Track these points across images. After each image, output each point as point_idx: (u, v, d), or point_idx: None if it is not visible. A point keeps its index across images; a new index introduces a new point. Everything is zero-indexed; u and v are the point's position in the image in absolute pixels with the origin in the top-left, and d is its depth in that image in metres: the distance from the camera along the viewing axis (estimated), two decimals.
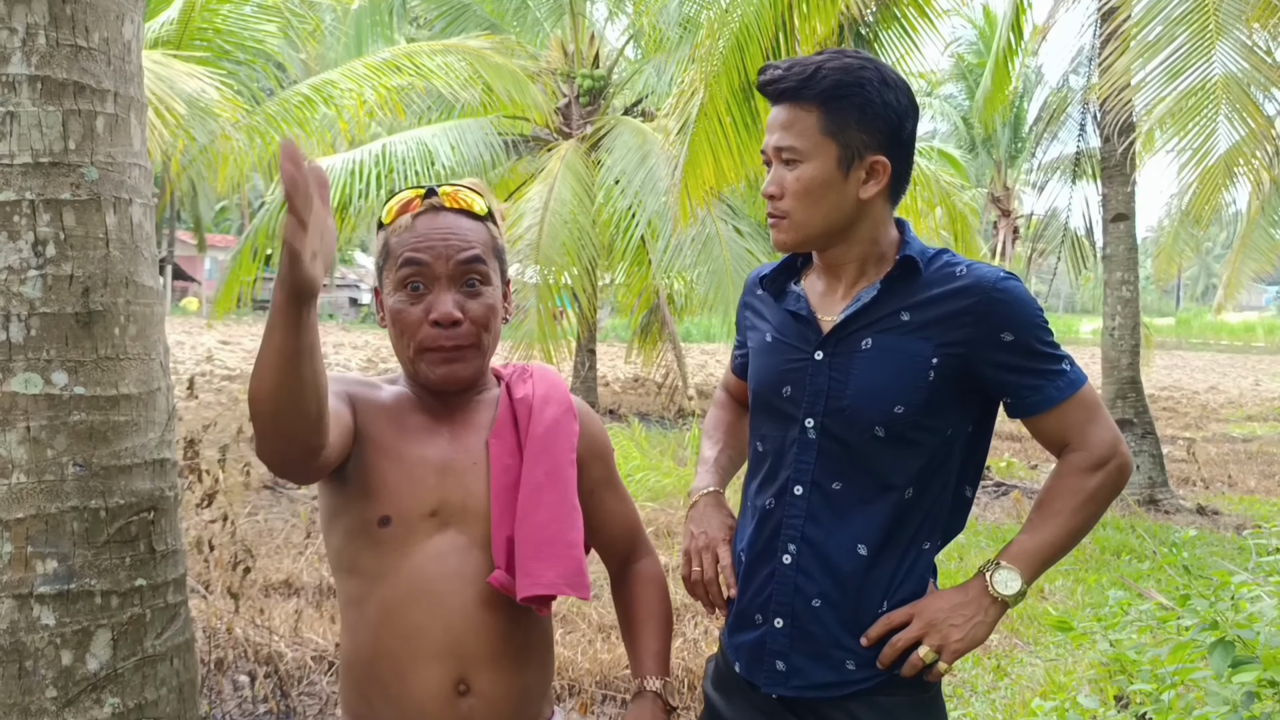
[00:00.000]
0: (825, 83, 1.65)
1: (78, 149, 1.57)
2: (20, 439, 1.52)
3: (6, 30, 1.53)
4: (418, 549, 1.64)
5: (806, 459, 1.73)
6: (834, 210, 1.69)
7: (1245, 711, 2.30)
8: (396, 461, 1.64)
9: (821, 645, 1.71)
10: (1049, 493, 1.72)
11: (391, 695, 1.64)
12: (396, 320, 1.65)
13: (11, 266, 1.53)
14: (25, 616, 1.53)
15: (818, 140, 1.66)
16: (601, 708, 4.15)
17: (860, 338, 1.71)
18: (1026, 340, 1.68)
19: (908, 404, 1.66)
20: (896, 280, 1.71)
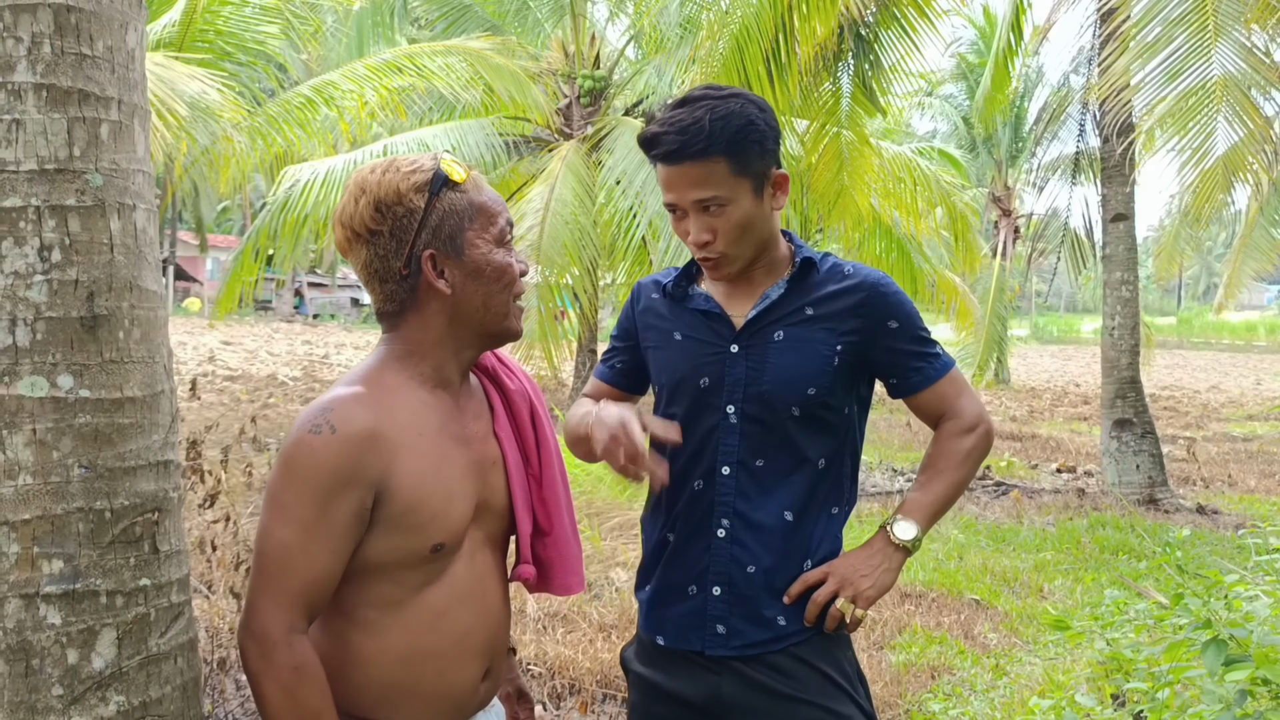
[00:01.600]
0: (725, 134, 1.82)
1: (82, 155, 1.60)
2: (26, 441, 1.55)
3: (12, 39, 1.55)
4: (457, 553, 1.66)
5: (731, 442, 1.93)
6: (761, 233, 1.92)
7: (1239, 709, 2.31)
8: (445, 491, 1.61)
9: (756, 607, 1.91)
10: (932, 457, 1.99)
11: (424, 693, 1.64)
12: (505, 273, 1.66)
13: (18, 271, 1.55)
14: (32, 616, 1.55)
15: (734, 183, 1.85)
16: (601, 706, 4.18)
17: (772, 331, 1.94)
18: (908, 328, 1.95)
19: (818, 386, 1.90)
20: (798, 279, 1.96)
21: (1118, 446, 9.54)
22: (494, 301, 1.66)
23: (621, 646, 2.14)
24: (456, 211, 1.62)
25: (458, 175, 1.63)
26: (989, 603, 5.98)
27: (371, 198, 1.61)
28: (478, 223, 1.64)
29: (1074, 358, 35.19)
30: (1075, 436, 14.41)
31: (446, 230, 1.62)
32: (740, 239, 1.89)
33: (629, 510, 7.28)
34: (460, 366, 1.70)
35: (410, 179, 1.61)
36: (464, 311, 1.65)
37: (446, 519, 1.61)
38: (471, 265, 1.63)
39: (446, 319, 1.65)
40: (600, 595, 5.60)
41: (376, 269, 1.63)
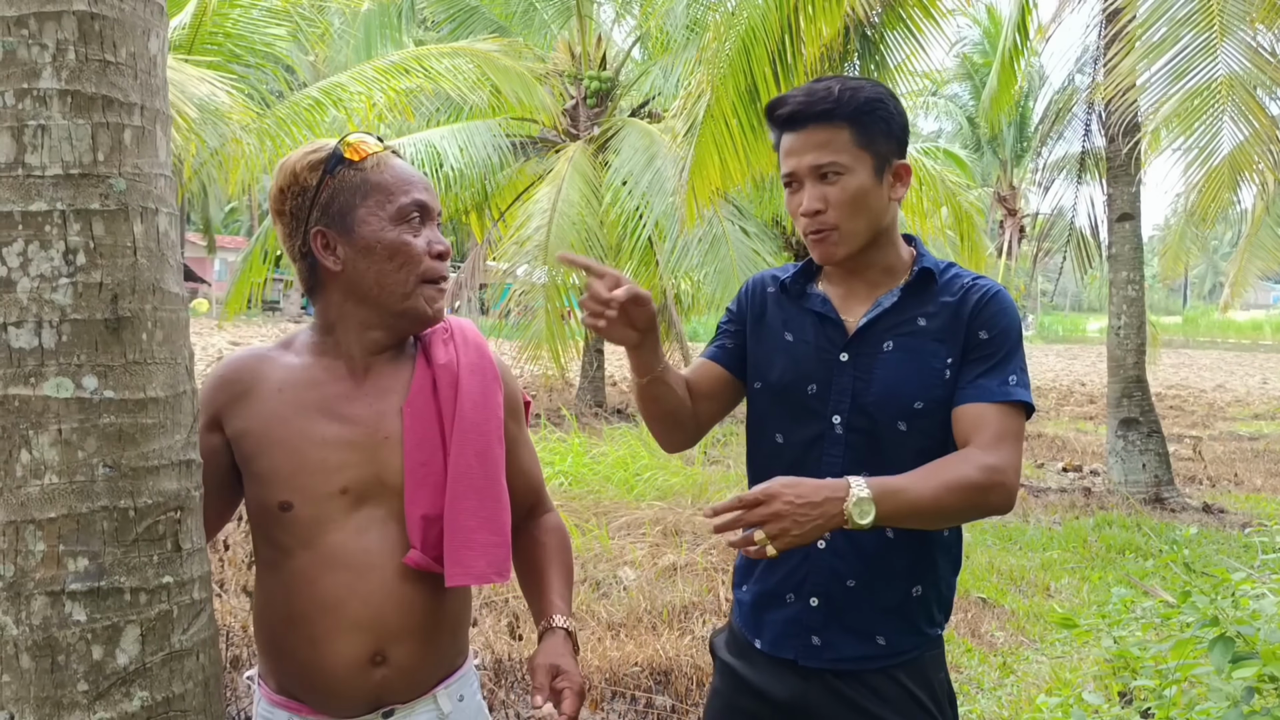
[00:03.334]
0: (854, 102, 1.80)
1: (106, 160, 1.62)
2: (52, 441, 1.57)
3: (38, 46, 1.57)
4: (332, 525, 1.67)
5: (835, 452, 1.85)
6: (875, 216, 1.84)
7: (1246, 706, 2.33)
8: (292, 447, 1.67)
9: (855, 622, 1.85)
10: (943, 465, 1.72)
11: (302, 660, 1.68)
12: (400, 251, 1.64)
13: (43, 274, 1.58)
14: (57, 613, 1.57)
15: (855, 153, 1.81)
16: (611, 705, 4.20)
17: (882, 340, 1.85)
18: (997, 342, 1.82)
19: (926, 400, 1.81)
20: (914, 288, 1.87)
21: (1124, 445, 9.54)
22: (389, 280, 1.65)
23: (712, 633, 2.12)
24: (348, 189, 1.65)
25: (355, 153, 1.65)
26: (996, 601, 5.99)
27: (276, 181, 1.68)
28: (371, 200, 1.65)
29: (1080, 357, 35.13)
30: (1081, 435, 14.40)
31: (336, 208, 1.65)
32: (853, 214, 1.81)
33: (635, 510, 7.31)
34: (365, 346, 1.71)
35: (306, 159, 1.67)
36: (358, 290, 1.67)
37: (293, 478, 1.66)
38: (361, 243, 1.65)
39: (343, 297, 1.68)
40: (609, 594, 5.63)
41: (287, 249, 1.71)
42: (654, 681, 4.35)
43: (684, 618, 5.17)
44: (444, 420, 1.71)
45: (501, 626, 4.82)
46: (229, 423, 1.71)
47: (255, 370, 1.72)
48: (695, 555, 6.21)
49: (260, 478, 1.69)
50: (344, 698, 1.69)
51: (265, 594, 1.74)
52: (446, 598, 1.73)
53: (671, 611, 5.21)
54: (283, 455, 1.66)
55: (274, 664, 1.74)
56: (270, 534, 1.71)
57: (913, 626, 1.87)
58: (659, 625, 5.03)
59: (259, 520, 1.74)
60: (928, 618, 1.89)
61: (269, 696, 1.76)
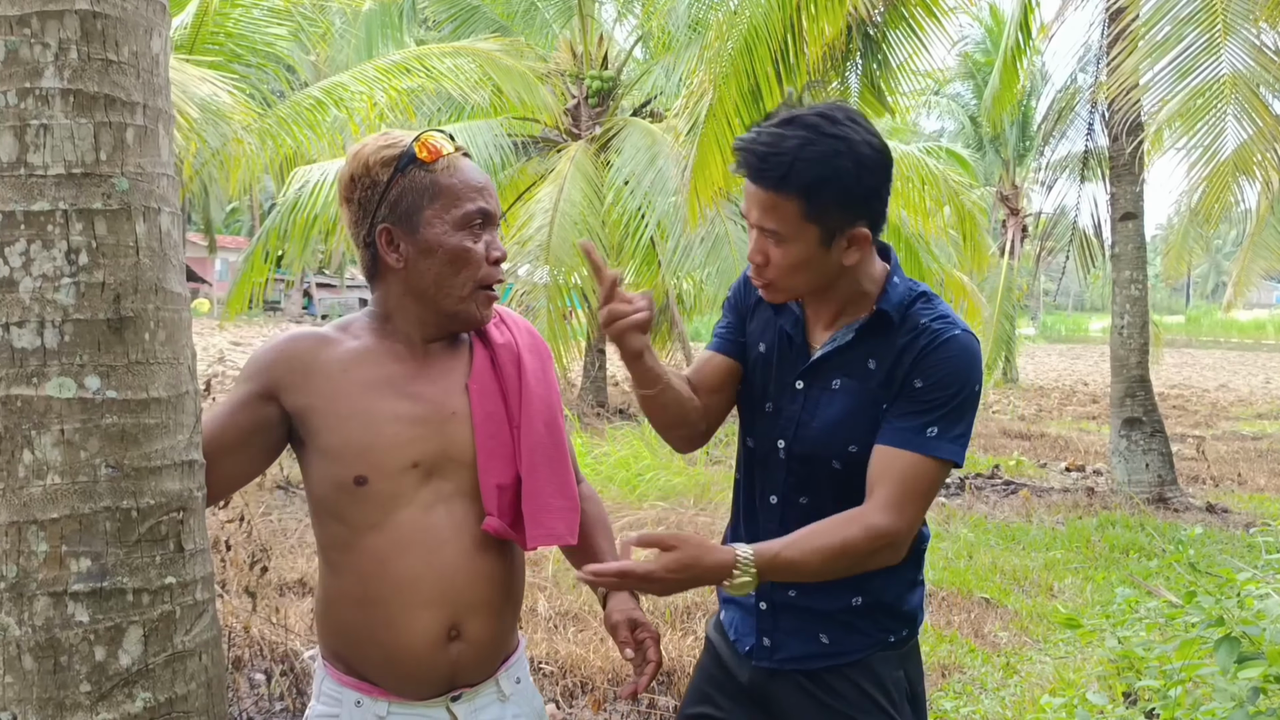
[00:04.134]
0: (806, 176, 1.70)
1: (109, 160, 1.62)
2: (55, 441, 1.57)
3: (40, 45, 1.57)
4: (405, 500, 1.70)
5: (778, 475, 1.91)
6: (818, 277, 1.82)
7: (1251, 707, 2.32)
8: (364, 422, 1.69)
9: (799, 625, 1.92)
10: (833, 528, 1.74)
11: (380, 640, 1.70)
12: (460, 257, 1.68)
13: (46, 274, 1.57)
14: (60, 613, 1.57)
15: (800, 225, 1.75)
16: (614, 705, 4.19)
17: (831, 377, 1.86)
18: (930, 392, 1.77)
19: (861, 445, 1.81)
20: (869, 329, 1.84)
21: (1127, 445, 9.53)
22: (446, 283, 1.69)
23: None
24: (417, 189, 1.68)
25: (428, 154, 1.67)
26: (999, 601, 5.98)
27: (349, 167, 1.72)
28: (439, 203, 1.68)
29: (1082, 356, 35.11)
30: (1084, 435, 14.39)
31: (404, 207, 1.68)
32: (790, 276, 1.80)
33: (638, 510, 7.31)
34: (424, 333, 1.76)
35: (381, 153, 1.69)
36: (416, 287, 1.70)
37: (368, 453, 1.68)
38: (424, 244, 1.68)
39: (401, 291, 1.72)
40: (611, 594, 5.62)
41: (351, 235, 1.75)
42: (657, 682, 4.35)
43: (686, 618, 5.16)
44: (507, 395, 1.78)
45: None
46: (290, 396, 1.72)
47: (318, 348, 1.74)
48: None
49: (331, 453, 1.70)
50: (420, 679, 1.72)
51: (334, 576, 1.75)
52: (513, 570, 1.81)
53: (674, 612, 5.21)
54: (356, 430, 1.69)
55: (346, 647, 1.75)
56: (342, 513, 1.72)
57: (855, 629, 1.90)
58: (662, 626, 5.03)
59: (329, 498, 1.73)
60: (874, 624, 1.91)
61: (339, 677, 1.76)
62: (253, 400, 1.72)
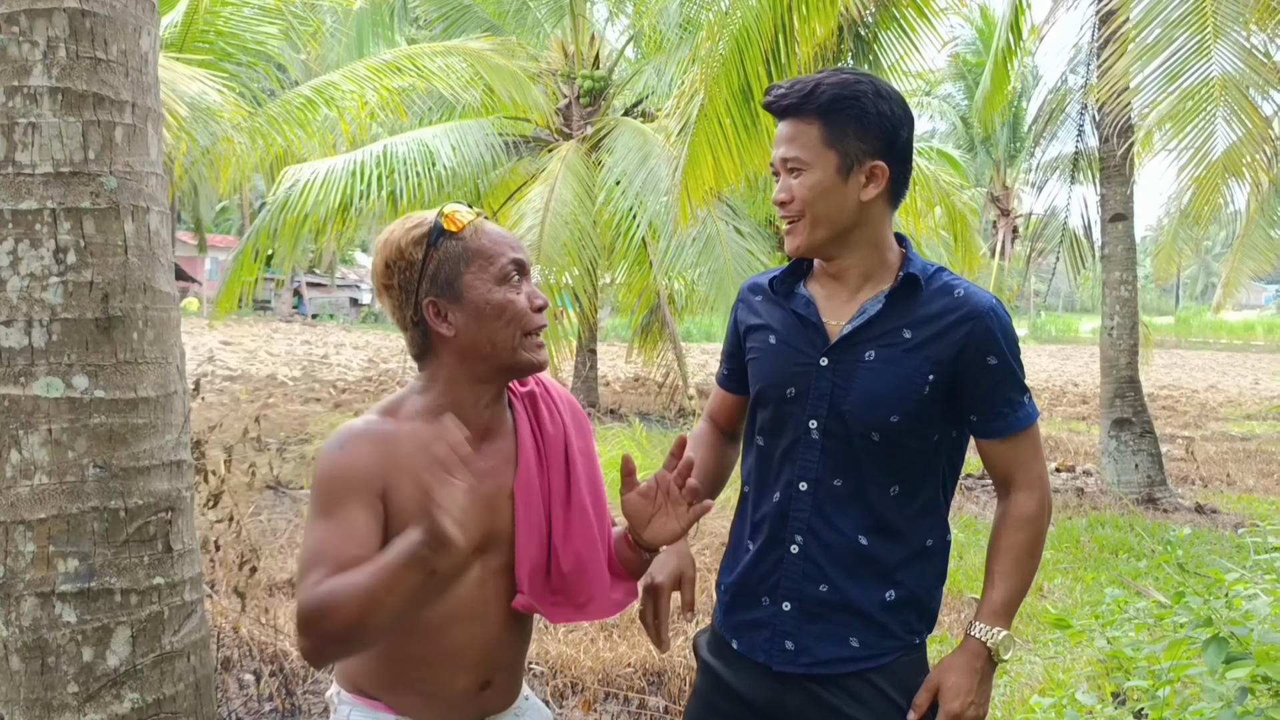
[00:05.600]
0: (824, 97, 1.81)
1: (97, 159, 1.61)
2: (42, 441, 1.56)
3: (29, 43, 1.56)
4: (461, 578, 1.73)
5: (810, 457, 1.87)
6: (838, 213, 1.84)
7: (1239, 707, 2.33)
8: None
9: (828, 626, 1.87)
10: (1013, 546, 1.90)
11: (420, 690, 1.76)
12: (506, 310, 1.72)
13: (34, 273, 1.57)
14: (48, 614, 1.57)
15: (819, 150, 1.82)
16: (604, 706, 4.19)
17: (864, 349, 1.85)
18: (1006, 367, 1.84)
19: (903, 414, 1.81)
20: (899, 296, 1.86)
21: (1117, 446, 9.55)
22: (499, 338, 1.73)
23: (696, 633, 2.16)
24: (452, 258, 1.72)
25: (454, 225, 1.73)
26: None
27: (383, 256, 1.75)
28: (475, 265, 1.72)
29: (1072, 357, 35.20)
30: (1074, 436, 14.43)
31: (444, 277, 1.72)
32: (814, 209, 1.84)
33: None
34: (478, 402, 1.77)
35: (410, 234, 1.73)
36: (472, 351, 1.73)
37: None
38: (471, 306, 1.72)
39: (458, 359, 1.74)
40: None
41: (397, 319, 1.77)
42: (647, 683, 4.35)
43: (678, 619, 5.16)
44: (552, 477, 1.85)
45: None
46: (391, 495, 1.68)
47: (396, 441, 1.70)
48: None
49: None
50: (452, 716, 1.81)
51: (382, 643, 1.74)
52: (531, 629, 1.92)
53: None
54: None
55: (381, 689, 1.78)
56: None
57: (887, 631, 1.88)
58: None
59: None
60: (904, 624, 1.89)
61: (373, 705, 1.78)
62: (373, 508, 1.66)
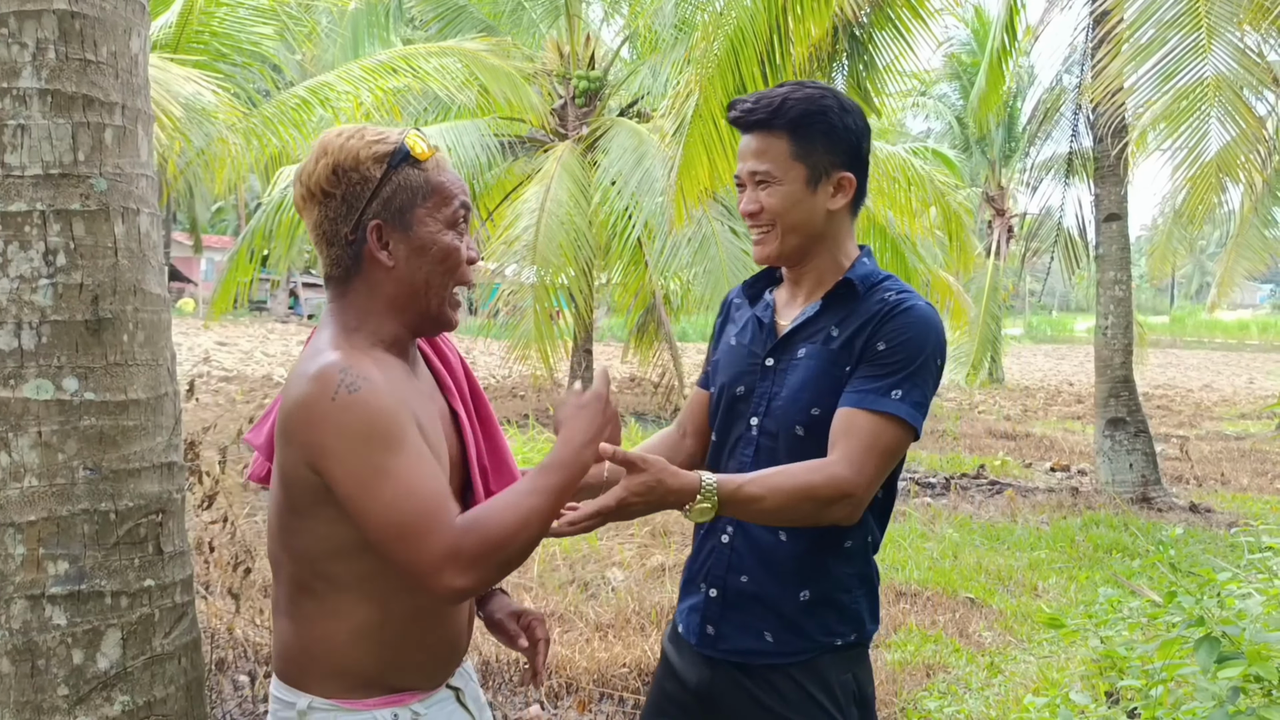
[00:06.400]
0: (793, 112, 1.86)
1: (87, 160, 1.61)
2: (32, 444, 1.56)
3: (17, 45, 1.56)
4: None
5: (747, 452, 1.95)
6: (807, 223, 1.91)
7: (1231, 706, 2.34)
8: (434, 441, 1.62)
9: (745, 616, 1.93)
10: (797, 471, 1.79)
11: (428, 643, 1.68)
12: (448, 256, 1.65)
13: (23, 275, 1.56)
14: (37, 616, 1.56)
15: (788, 164, 1.88)
16: (599, 705, 4.19)
17: (799, 348, 1.94)
18: (892, 355, 1.83)
19: (823, 407, 1.86)
20: (833, 298, 1.93)
21: (1111, 445, 9.57)
22: (436, 282, 1.66)
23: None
24: (411, 187, 1.63)
25: (420, 151, 1.65)
26: (984, 601, 6.00)
27: (331, 160, 1.62)
28: (431, 201, 1.65)
29: (1067, 357, 35.25)
30: (1069, 435, 14.45)
31: (397, 203, 1.63)
32: (784, 220, 1.90)
33: None
34: (410, 334, 1.71)
35: (372, 148, 1.63)
36: (405, 287, 1.65)
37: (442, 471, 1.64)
38: (417, 242, 1.64)
39: (389, 292, 1.65)
40: (596, 595, 5.62)
41: (325, 231, 1.64)
42: (642, 683, 4.34)
43: (651, 624, 5.16)
44: (474, 402, 1.82)
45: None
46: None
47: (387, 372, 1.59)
48: (683, 556, 6.20)
49: None
50: (451, 662, 1.74)
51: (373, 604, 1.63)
52: None
53: (660, 612, 5.21)
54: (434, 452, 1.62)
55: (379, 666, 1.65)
56: None
57: (801, 631, 1.90)
58: (647, 626, 5.03)
59: None
60: (821, 625, 1.90)
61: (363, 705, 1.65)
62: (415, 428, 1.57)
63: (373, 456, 1.48)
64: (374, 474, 1.48)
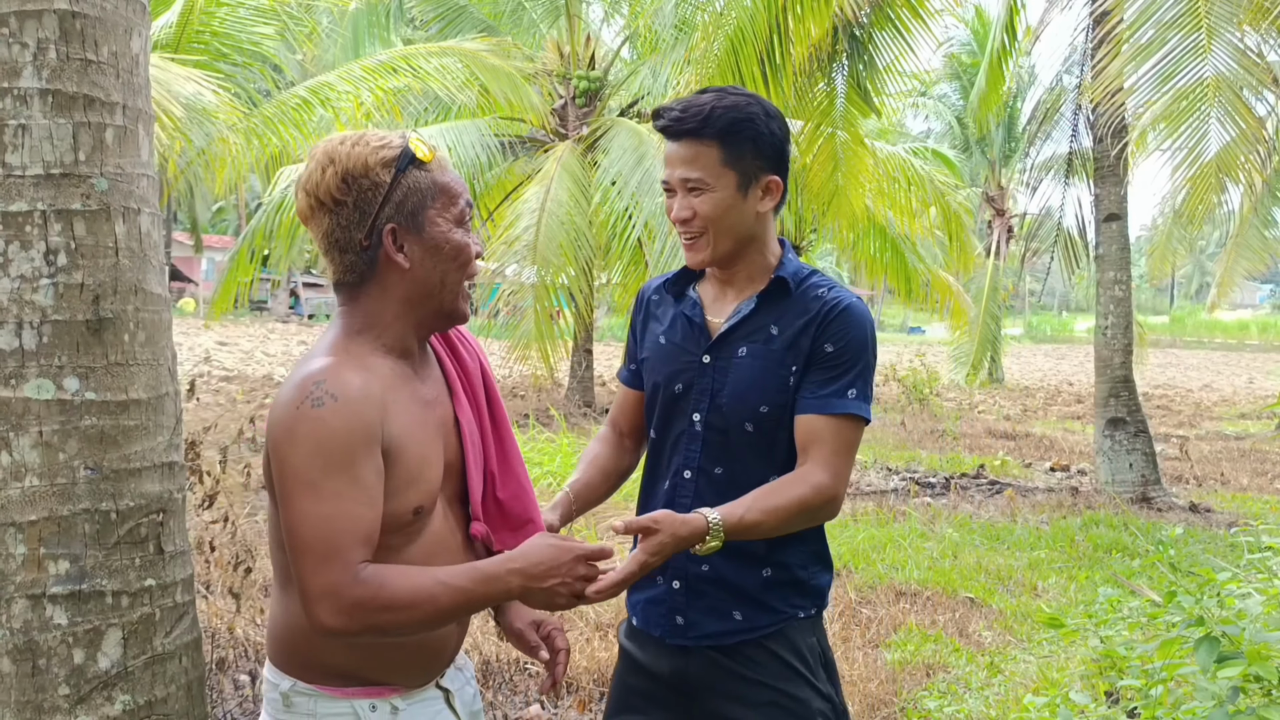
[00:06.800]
0: (721, 121, 1.92)
1: (88, 160, 1.61)
2: (33, 443, 1.56)
3: (18, 45, 1.56)
4: (433, 513, 1.72)
5: (694, 448, 2.03)
6: (739, 226, 1.98)
7: (1231, 706, 2.34)
8: (418, 448, 1.66)
9: (712, 601, 2.01)
10: (782, 487, 1.91)
11: (403, 643, 1.69)
12: (460, 254, 1.71)
13: (24, 275, 1.57)
14: (38, 616, 1.57)
15: (719, 171, 1.94)
16: (599, 705, 4.19)
17: (737, 346, 2.01)
18: (841, 356, 1.95)
19: (771, 405, 1.96)
20: (768, 296, 2.01)
21: (1111, 445, 9.57)
22: (450, 280, 1.71)
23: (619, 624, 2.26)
24: (420, 189, 1.68)
25: (424, 154, 1.69)
26: (983, 601, 6.00)
27: (340, 169, 1.65)
28: (439, 202, 1.69)
29: (1067, 357, 35.26)
30: (1069, 435, 14.45)
31: (409, 206, 1.67)
32: (717, 225, 1.96)
33: (624, 509, 7.30)
34: (419, 337, 1.76)
35: (379, 154, 1.66)
36: (421, 287, 1.70)
37: (424, 481, 1.67)
38: (430, 242, 1.68)
39: (404, 293, 1.69)
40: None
41: (337, 239, 1.66)
42: None
43: None
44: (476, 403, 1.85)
45: (489, 627, 4.81)
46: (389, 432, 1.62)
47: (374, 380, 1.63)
48: None
49: (396, 491, 1.64)
50: (434, 665, 1.77)
51: None
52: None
53: None
54: (416, 464, 1.66)
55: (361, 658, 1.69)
56: (387, 540, 1.65)
57: (766, 606, 2.01)
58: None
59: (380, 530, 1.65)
60: (783, 599, 2.02)
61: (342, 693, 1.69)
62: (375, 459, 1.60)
63: (311, 471, 1.53)
64: (304, 486, 1.54)
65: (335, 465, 1.53)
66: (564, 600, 1.65)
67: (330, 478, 1.53)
